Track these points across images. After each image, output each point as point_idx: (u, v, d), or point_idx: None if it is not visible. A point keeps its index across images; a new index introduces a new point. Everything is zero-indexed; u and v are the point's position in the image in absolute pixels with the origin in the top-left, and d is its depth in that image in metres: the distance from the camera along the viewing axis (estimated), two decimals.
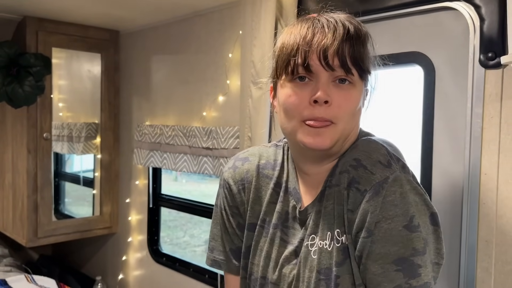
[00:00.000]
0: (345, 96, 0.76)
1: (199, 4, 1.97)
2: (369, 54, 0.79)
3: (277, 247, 0.87)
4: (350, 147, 0.81)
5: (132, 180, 2.52)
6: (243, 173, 0.93)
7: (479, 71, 1.20)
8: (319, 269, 0.78)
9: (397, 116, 1.50)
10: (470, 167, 1.23)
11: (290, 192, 0.89)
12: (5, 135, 2.50)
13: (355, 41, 0.75)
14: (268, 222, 0.89)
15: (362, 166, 0.75)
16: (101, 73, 2.53)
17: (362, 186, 0.74)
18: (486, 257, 1.20)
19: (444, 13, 1.29)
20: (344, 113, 0.76)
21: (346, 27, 0.75)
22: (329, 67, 0.74)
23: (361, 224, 0.74)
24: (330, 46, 0.74)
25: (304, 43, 0.75)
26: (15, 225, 2.43)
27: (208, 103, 2.04)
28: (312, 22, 0.77)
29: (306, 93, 0.76)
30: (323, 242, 0.79)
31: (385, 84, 1.52)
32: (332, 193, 0.80)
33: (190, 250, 5.11)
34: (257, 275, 0.89)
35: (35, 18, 2.26)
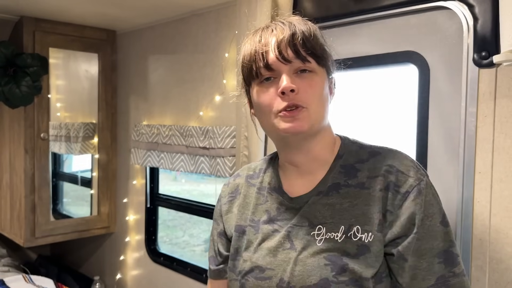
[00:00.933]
0: (309, 83, 0.84)
1: (195, 4, 1.97)
2: (320, 43, 0.87)
3: (269, 238, 0.90)
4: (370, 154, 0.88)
5: (129, 180, 2.52)
6: (233, 187, 1.04)
7: (473, 70, 1.21)
8: (326, 256, 0.81)
9: (391, 115, 1.51)
10: (464, 166, 1.23)
11: (275, 189, 0.95)
12: (2, 135, 2.51)
13: (304, 33, 0.84)
14: (257, 221, 0.94)
15: (397, 171, 0.82)
16: (99, 73, 2.53)
17: (403, 188, 0.81)
18: (480, 255, 1.21)
19: (438, 13, 1.29)
20: (312, 97, 0.84)
21: (292, 25, 0.85)
22: (285, 59, 0.83)
23: (408, 222, 0.79)
24: (282, 41, 0.83)
25: (259, 46, 0.84)
26: (12, 225, 2.44)
27: (204, 102, 2.05)
28: (263, 29, 0.87)
29: (273, 89, 0.84)
30: (332, 233, 0.83)
31: (379, 83, 1.52)
32: (350, 192, 0.85)
33: (189, 250, 5.11)
34: (249, 268, 0.89)
35: (32, 18, 2.26)
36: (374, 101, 1.54)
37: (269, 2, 1.57)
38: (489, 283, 1.19)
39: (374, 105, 1.54)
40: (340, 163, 0.89)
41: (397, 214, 0.80)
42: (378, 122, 1.53)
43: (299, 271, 0.83)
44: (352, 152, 0.90)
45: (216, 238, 1.04)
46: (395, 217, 0.80)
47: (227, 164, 1.86)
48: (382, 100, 1.53)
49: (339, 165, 0.89)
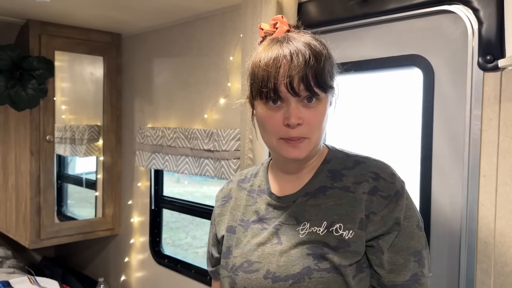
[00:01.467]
0: (314, 114, 0.88)
1: (200, 8, 1.98)
2: (330, 71, 0.90)
3: (258, 236, 0.95)
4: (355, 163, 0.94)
5: (134, 182, 2.54)
6: (226, 192, 1.11)
7: (478, 73, 1.21)
8: (308, 246, 0.88)
9: (396, 119, 1.51)
10: (469, 169, 1.23)
11: (264, 191, 1.01)
12: (8, 138, 2.52)
13: (316, 66, 0.86)
14: (246, 221, 1.00)
15: (381, 178, 0.89)
16: (104, 76, 2.54)
17: (386, 193, 0.88)
18: (485, 258, 1.21)
19: (443, 17, 1.30)
20: (314, 129, 0.89)
21: (306, 56, 0.86)
22: (296, 93, 0.86)
23: (391, 222, 0.87)
24: (295, 76, 0.85)
25: (271, 75, 0.86)
26: (18, 227, 2.45)
27: (209, 105, 2.06)
28: (278, 50, 0.87)
29: (279, 115, 0.88)
30: (315, 228, 0.89)
31: (384, 87, 1.53)
32: (335, 193, 0.91)
33: (192, 252, 5.11)
34: (239, 263, 0.94)
35: (38, 22, 2.28)
36: (379, 105, 1.55)
37: (274, 6, 1.58)
38: (494, 286, 1.19)
39: (379, 109, 1.55)
40: (327, 168, 0.96)
41: (381, 215, 0.87)
42: (382, 126, 1.53)
43: (283, 261, 0.88)
44: (338, 159, 0.97)
45: (210, 241, 1.11)
46: (379, 218, 0.87)
47: (231, 166, 1.87)
48: (387, 103, 1.53)
49: (327, 170, 0.95)
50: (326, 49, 0.90)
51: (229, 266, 0.97)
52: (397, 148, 0.96)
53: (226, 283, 0.97)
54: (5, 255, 2.72)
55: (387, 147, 0.99)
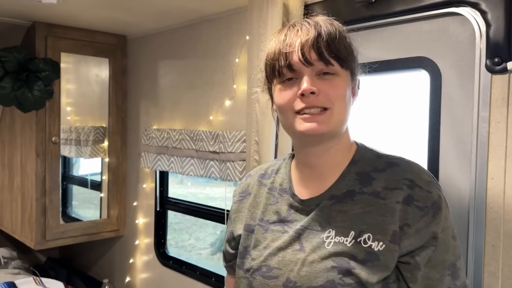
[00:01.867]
0: (331, 84, 0.84)
1: (206, 10, 1.99)
2: (346, 45, 0.86)
3: (279, 239, 0.91)
4: (387, 165, 0.87)
5: (139, 183, 2.54)
6: (244, 187, 1.06)
7: (486, 76, 1.21)
8: (334, 258, 0.82)
9: (403, 121, 1.51)
10: (476, 172, 1.23)
11: (286, 191, 0.96)
12: (14, 139, 2.53)
13: (328, 35, 0.83)
14: (266, 221, 0.95)
15: (417, 186, 0.82)
16: (109, 78, 2.55)
17: (422, 203, 0.81)
18: (493, 261, 1.20)
19: (450, 19, 1.30)
20: (334, 98, 0.83)
21: (318, 25, 0.84)
22: (308, 62, 0.82)
23: (428, 236, 0.81)
24: (306, 43, 0.82)
25: (283, 46, 0.85)
26: (23, 228, 2.46)
27: (214, 107, 2.06)
28: (289, 28, 0.87)
29: (294, 89, 0.84)
30: (342, 237, 0.83)
31: (391, 89, 1.53)
32: (364, 199, 0.85)
33: (195, 253, 5.11)
34: (257, 266, 0.90)
35: (44, 24, 2.29)
36: (386, 107, 1.55)
37: (280, 8, 1.58)
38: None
39: (386, 111, 1.55)
40: (355, 170, 0.89)
41: (416, 227, 0.80)
42: (389, 128, 1.53)
43: (306, 271, 0.83)
44: (368, 159, 0.90)
45: (226, 237, 1.07)
46: (414, 230, 0.80)
47: (237, 168, 1.87)
48: (394, 105, 1.53)
49: (354, 172, 0.89)
50: (343, 29, 0.88)
51: (246, 267, 0.93)
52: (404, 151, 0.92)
53: (242, 284, 0.94)
54: (10, 256, 2.72)
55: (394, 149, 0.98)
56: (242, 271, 0.94)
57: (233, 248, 1.03)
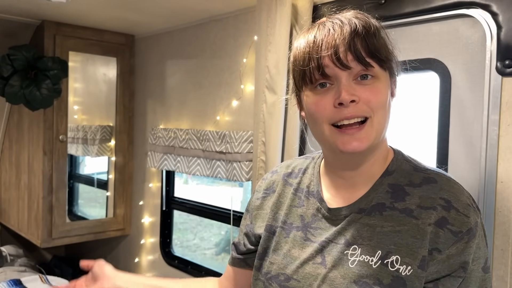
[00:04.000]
0: (372, 90, 0.74)
1: (214, 9, 1.99)
2: (384, 43, 0.77)
3: (300, 246, 0.85)
4: (424, 180, 0.78)
5: (145, 182, 2.54)
6: (269, 184, 0.99)
7: (496, 78, 1.20)
8: (357, 280, 0.75)
9: (412, 122, 1.50)
10: (486, 175, 1.22)
11: (313, 194, 0.89)
12: (21, 137, 2.55)
13: (365, 33, 0.74)
14: (289, 224, 0.89)
15: (453, 208, 0.74)
16: (117, 77, 2.56)
17: (457, 228, 0.73)
18: (501, 265, 1.19)
19: (460, 20, 1.29)
20: (375, 106, 0.74)
21: (352, 23, 0.74)
22: (344, 65, 0.73)
23: (457, 265, 0.73)
24: (340, 44, 0.73)
25: (313, 50, 0.74)
26: (30, 225, 2.47)
27: (222, 107, 2.06)
28: (318, 27, 0.77)
29: (329, 97, 0.75)
30: (367, 257, 0.76)
31: (401, 90, 1.52)
32: (394, 216, 0.77)
33: (200, 253, 5.11)
34: (275, 273, 0.86)
35: (53, 22, 2.30)
36: (395, 109, 1.54)
37: (288, 8, 1.58)
38: None
39: (395, 112, 1.54)
40: (388, 181, 0.81)
41: (447, 253, 0.73)
42: (398, 130, 1.52)
43: None
44: (403, 171, 0.81)
45: (243, 229, 1.01)
46: (445, 257, 0.73)
47: (243, 169, 1.86)
48: (403, 107, 1.52)
49: (387, 184, 0.81)
50: (375, 22, 0.78)
51: (264, 270, 0.89)
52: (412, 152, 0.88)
53: (257, 287, 0.89)
54: (16, 254, 2.74)
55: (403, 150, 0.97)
56: (260, 273, 0.90)
57: (251, 244, 0.98)
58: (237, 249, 1.02)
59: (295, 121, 1.63)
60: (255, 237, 0.96)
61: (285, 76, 1.61)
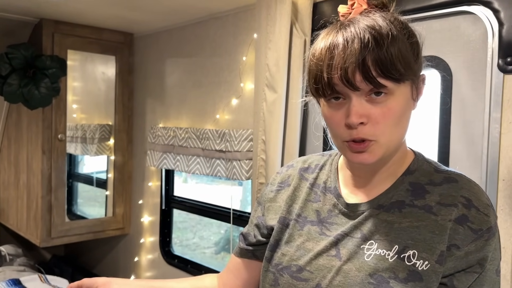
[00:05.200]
0: (382, 111, 0.73)
1: (214, 7, 1.98)
2: (403, 52, 0.72)
3: (315, 240, 0.85)
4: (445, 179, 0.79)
5: (145, 181, 2.54)
6: (284, 178, 0.98)
7: (498, 76, 1.19)
8: (372, 273, 0.75)
9: (413, 120, 1.49)
10: (487, 173, 1.21)
11: (330, 190, 0.88)
12: (20, 136, 2.54)
13: (377, 51, 0.70)
14: (304, 217, 0.89)
15: (474, 207, 0.74)
16: (116, 75, 2.55)
17: (477, 226, 0.73)
18: (503, 264, 1.19)
19: (462, 18, 1.28)
20: (384, 128, 0.74)
21: (364, 39, 0.71)
22: (354, 87, 0.71)
23: (475, 261, 0.73)
24: (350, 64, 0.70)
25: (324, 70, 0.73)
26: (29, 225, 2.46)
27: (221, 106, 2.05)
28: (332, 41, 0.74)
29: (341, 114, 0.75)
30: (383, 251, 0.76)
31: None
32: (413, 213, 0.77)
33: (199, 252, 5.11)
34: (287, 264, 0.85)
35: (51, 21, 2.29)
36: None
37: (288, 6, 1.57)
38: None
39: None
40: (409, 180, 0.81)
41: (465, 250, 0.73)
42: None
43: (339, 281, 0.77)
44: (424, 171, 0.82)
45: (254, 220, 1.00)
46: (463, 253, 0.73)
47: (243, 167, 1.86)
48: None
49: (408, 182, 0.81)
50: (397, 29, 0.73)
51: (274, 261, 0.88)
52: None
53: (268, 278, 0.88)
54: (15, 253, 2.73)
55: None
56: (270, 265, 0.89)
57: (262, 236, 0.96)
58: (246, 240, 1.00)
59: (295, 120, 1.63)
60: (267, 229, 0.95)
61: (285, 74, 1.60)
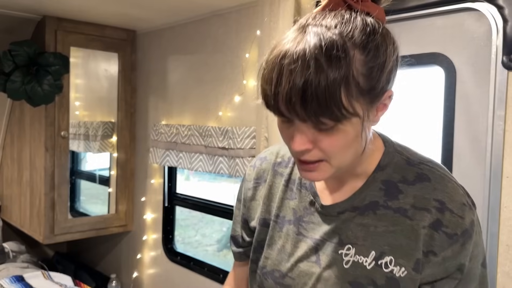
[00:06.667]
0: (330, 140, 0.68)
1: (216, 4, 1.97)
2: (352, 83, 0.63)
3: (294, 241, 0.84)
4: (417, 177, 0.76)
5: (147, 179, 2.54)
6: (259, 173, 0.95)
7: (502, 73, 1.19)
8: (351, 281, 0.75)
9: (417, 117, 1.49)
10: (491, 170, 1.21)
11: (306, 187, 0.86)
12: (23, 133, 2.54)
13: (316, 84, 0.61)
14: (282, 217, 0.88)
15: (448, 209, 0.72)
16: (118, 73, 2.55)
17: (452, 230, 0.71)
18: (507, 261, 1.18)
19: (466, 14, 1.27)
20: (332, 153, 0.69)
21: (307, 63, 0.62)
22: (299, 117, 0.65)
23: (454, 268, 0.73)
24: (294, 94, 0.62)
25: (271, 92, 0.65)
26: (32, 222, 2.47)
27: (224, 103, 2.05)
28: (284, 54, 0.65)
29: (290, 132, 0.70)
30: (361, 257, 0.76)
31: (404, 85, 1.51)
32: (388, 216, 0.75)
33: (202, 250, 5.11)
34: (270, 269, 0.86)
35: (54, 18, 2.29)
36: (399, 103, 1.53)
37: (292, 2, 1.57)
38: None
39: (399, 107, 1.53)
40: (381, 178, 0.78)
41: (442, 256, 0.72)
42: (402, 124, 1.51)
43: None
44: (396, 166, 0.78)
45: (238, 219, 0.99)
46: (440, 259, 0.72)
47: (246, 164, 1.85)
48: (407, 101, 1.51)
49: (380, 180, 0.78)
50: (352, 43, 0.64)
51: (260, 263, 0.89)
52: (417, 147, 0.86)
53: (255, 280, 0.90)
54: (18, 250, 2.74)
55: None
56: (256, 266, 0.91)
57: (248, 236, 0.97)
58: (236, 243, 1.00)
59: None
60: (250, 230, 0.96)
61: None
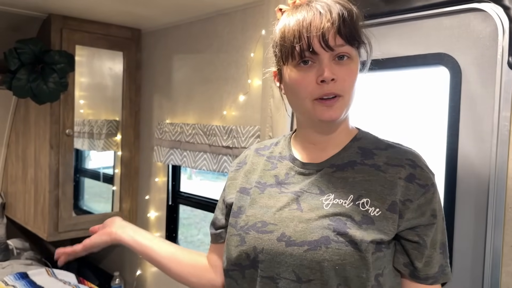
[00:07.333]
0: (347, 71, 0.86)
1: (222, 3, 1.98)
2: (360, 28, 0.88)
3: (275, 198, 0.93)
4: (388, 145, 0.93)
5: (151, 177, 2.55)
6: (242, 158, 1.09)
7: (508, 73, 1.18)
8: (331, 217, 0.85)
9: (422, 118, 1.49)
10: (496, 171, 1.21)
11: (286, 157, 0.99)
12: (28, 131, 2.55)
13: (349, 20, 0.84)
14: (263, 183, 0.97)
15: (418, 166, 0.88)
16: (123, 71, 2.56)
17: (423, 182, 0.87)
18: (511, 261, 1.18)
19: (472, 14, 1.27)
20: (348, 86, 0.87)
21: (338, 10, 0.84)
22: (330, 48, 0.83)
23: (428, 212, 0.86)
24: (329, 27, 0.83)
25: (304, 30, 0.83)
26: (36, 219, 2.48)
27: (228, 102, 2.05)
28: (307, 9, 0.85)
29: (312, 74, 0.85)
30: (340, 200, 0.86)
31: (410, 85, 1.51)
32: (365, 170, 0.89)
33: (204, 249, 5.12)
34: (252, 223, 0.91)
35: (60, 16, 2.30)
36: (404, 103, 1.53)
37: None
38: None
39: (404, 107, 1.53)
40: (357, 145, 0.93)
41: (417, 203, 0.85)
42: (407, 125, 1.51)
43: (302, 227, 0.85)
44: (370, 139, 0.95)
45: (220, 205, 1.08)
46: (416, 206, 0.85)
47: None
48: (412, 102, 1.51)
49: (357, 147, 0.93)
50: (353, 7, 0.89)
51: (239, 224, 0.93)
52: (422, 148, 0.95)
53: (233, 241, 0.92)
54: (22, 247, 2.75)
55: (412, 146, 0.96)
56: (235, 229, 0.94)
57: (224, 216, 1.04)
58: (214, 225, 1.08)
59: None
60: (227, 208, 1.02)
61: None
